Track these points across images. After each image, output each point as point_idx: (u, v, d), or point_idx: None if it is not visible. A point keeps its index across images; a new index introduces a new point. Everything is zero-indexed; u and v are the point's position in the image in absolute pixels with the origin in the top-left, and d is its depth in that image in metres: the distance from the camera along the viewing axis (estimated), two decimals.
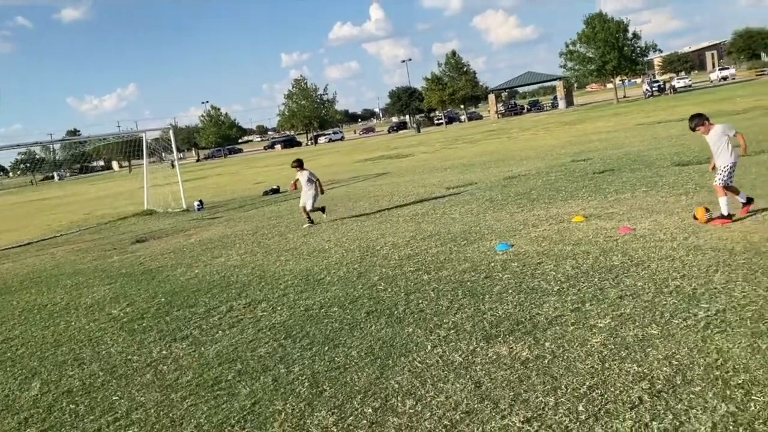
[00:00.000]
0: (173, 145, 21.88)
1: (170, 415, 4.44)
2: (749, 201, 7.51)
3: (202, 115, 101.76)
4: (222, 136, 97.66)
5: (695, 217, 7.55)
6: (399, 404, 4.07)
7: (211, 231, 13.61)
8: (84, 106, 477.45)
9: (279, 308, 6.68)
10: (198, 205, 18.85)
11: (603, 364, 4.18)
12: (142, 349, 6.00)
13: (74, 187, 45.92)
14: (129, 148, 39.11)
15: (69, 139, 57.43)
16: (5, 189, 68.77)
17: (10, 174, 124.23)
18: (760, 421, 3.25)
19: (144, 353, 5.88)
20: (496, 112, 77.74)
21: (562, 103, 75.53)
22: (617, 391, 3.78)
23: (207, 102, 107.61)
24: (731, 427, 3.24)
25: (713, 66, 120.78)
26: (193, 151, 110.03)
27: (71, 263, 11.98)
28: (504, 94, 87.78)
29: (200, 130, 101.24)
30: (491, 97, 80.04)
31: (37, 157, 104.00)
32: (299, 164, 12.30)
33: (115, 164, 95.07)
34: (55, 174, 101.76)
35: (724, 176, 7.38)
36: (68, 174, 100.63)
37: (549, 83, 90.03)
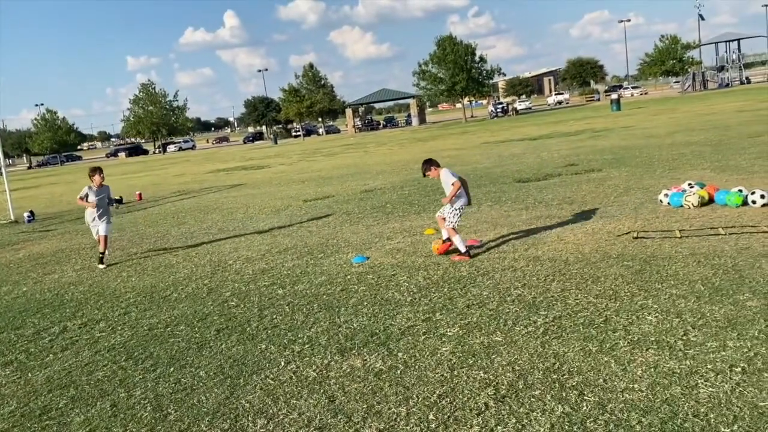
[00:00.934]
0: None
1: None
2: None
3: (36, 119, 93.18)
4: (58, 142, 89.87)
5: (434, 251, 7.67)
6: (250, 424, 3.90)
7: (43, 245, 12.42)
8: None
9: (119, 328, 6.21)
10: (28, 217, 17.15)
11: (452, 372, 4.31)
12: None
13: None
14: None
15: None
16: None
17: None
18: (591, 419, 3.51)
19: None
20: (354, 126, 78.96)
21: (415, 121, 78.41)
22: (465, 398, 3.91)
23: (41, 105, 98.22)
24: (566, 427, 3.46)
25: (550, 91, 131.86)
26: (25, 158, 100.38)
27: None
28: (361, 109, 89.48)
29: (33, 135, 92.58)
30: (348, 111, 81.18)
31: None
32: (101, 175, 9.50)
33: None
34: None
35: (452, 219, 7.43)
36: None
37: (403, 101, 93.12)
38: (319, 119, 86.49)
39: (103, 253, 9.44)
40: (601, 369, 4.10)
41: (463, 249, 7.37)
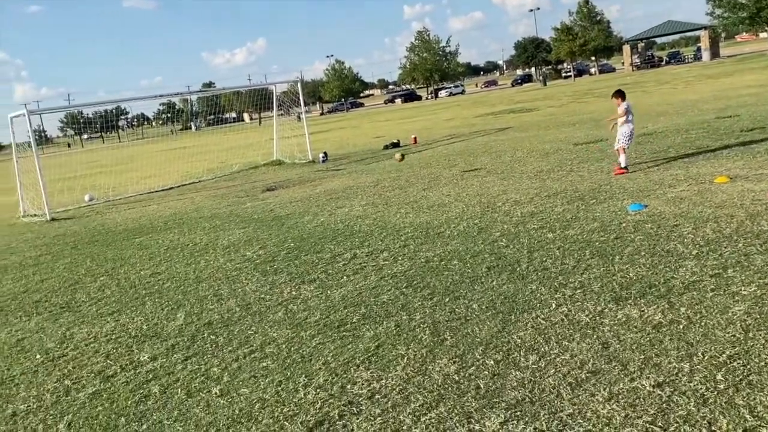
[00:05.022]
0: (300, 98, 22.53)
1: (300, 351, 4.71)
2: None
3: (327, 69, 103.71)
4: (345, 90, 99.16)
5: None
6: (522, 359, 4.04)
7: (335, 182, 14.00)
8: (216, 60, 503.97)
9: (400, 258, 6.80)
10: (322, 157, 19.44)
11: (746, 333, 3.90)
12: (274, 289, 6.36)
13: (209, 137, 48.93)
14: (259, 101, 41.02)
15: (205, 90, 60.86)
16: (149, 138, 74.63)
17: (153, 123, 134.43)
18: None
19: (276, 293, 6.23)
20: (631, 64, 72.84)
21: (706, 55, 69.39)
22: (762, 363, 3.52)
23: (331, 56, 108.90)
24: None
25: None
26: (318, 105, 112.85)
27: (209, 207, 12.85)
28: (640, 45, 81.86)
29: (324, 84, 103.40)
30: (626, 48, 74.90)
31: (177, 108, 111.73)
32: None
33: (246, 116, 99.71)
34: (192, 124, 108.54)
35: (620, 139, 9.95)
36: (204, 124, 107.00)
37: (692, 33, 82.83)
38: (592, 58, 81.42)
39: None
40: None
41: (623, 164, 9.78)
